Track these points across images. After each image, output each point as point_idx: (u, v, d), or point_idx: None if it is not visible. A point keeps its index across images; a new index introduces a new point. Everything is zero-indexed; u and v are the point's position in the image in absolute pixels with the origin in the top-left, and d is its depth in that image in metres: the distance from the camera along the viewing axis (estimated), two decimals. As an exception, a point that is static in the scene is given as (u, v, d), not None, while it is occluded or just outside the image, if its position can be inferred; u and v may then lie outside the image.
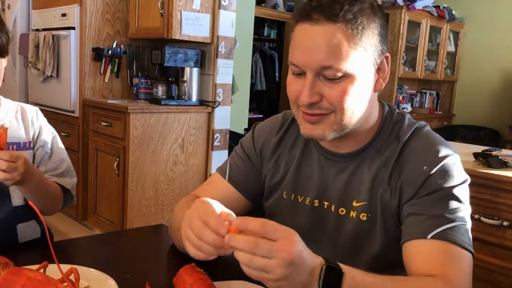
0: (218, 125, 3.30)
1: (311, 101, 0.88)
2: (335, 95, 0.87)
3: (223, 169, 1.13)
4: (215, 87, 3.25)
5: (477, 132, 5.13)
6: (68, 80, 3.30)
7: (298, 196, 1.03)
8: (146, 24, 3.20)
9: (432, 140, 0.95)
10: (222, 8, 3.18)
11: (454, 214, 0.87)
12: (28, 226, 1.27)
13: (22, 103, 1.35)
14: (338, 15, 0.84)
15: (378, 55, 0.90)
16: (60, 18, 3.36)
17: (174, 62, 3.11)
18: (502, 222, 1.74)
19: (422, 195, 0.89)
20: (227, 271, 0.90)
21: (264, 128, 1.13)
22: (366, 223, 0.95)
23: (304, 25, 0.87)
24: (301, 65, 0.88)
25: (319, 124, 0.91)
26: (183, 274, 0.82)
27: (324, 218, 1.00)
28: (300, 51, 0.88)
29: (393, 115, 1.00)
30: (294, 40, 0.90)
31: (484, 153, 2.03)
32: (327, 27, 0.84)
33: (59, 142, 1.36)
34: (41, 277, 0.78)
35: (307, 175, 1.03)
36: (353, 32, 0.85)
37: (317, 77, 0.87)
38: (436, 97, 5.76)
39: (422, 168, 0.90)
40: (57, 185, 1.28)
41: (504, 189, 1.76)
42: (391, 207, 0.93)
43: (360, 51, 0.86)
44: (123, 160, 2.96)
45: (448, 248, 0.84)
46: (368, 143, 0.98)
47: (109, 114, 3.07)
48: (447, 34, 5.39)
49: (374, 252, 0.95)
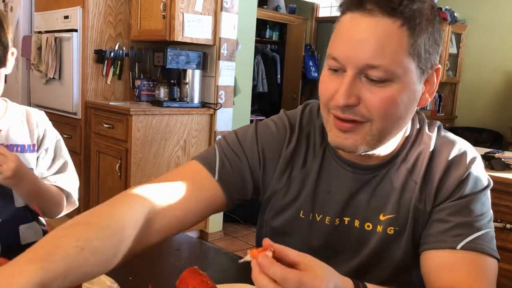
0: (220, 127, 3.30)
1: (348, 102, 0.76)
2: (375, 101, 0.76)
3: (209, 162, 0.91)
4: (217, 89, 3.25)
5: (479, 134, 5.12)
6: (70, 82, 3.30)
7: (316, 214, 0.92)
8: (148, 26, 3.20)
9: (457, 144, 0.90)
10: (224, 10, 3.18)
11: (482, 221, 0.83)
12: (30, 227, 1.27)
13: (29, 107, 1.37)
14: (396, 9, 0.73)
15: (430, 65, 0.79)
16: (62, 20, 3.36)
17: (176, 64, 3.11)
18: (505, 225, 1.73)
19: (452, 200, 0.85)
20: (230, 274, 0.89)
21: (270, 132, 0.95)
22: (392, 236, 0.88)
23: (354, 14, 0.76)
24: (343, 59, 0.76)
25: (351, 133, 0.79)
26: (186, 276, 0.82)
27: (346, 235, 0.91)
28: (344, 43, 0.76)
29: (415, 122, 0.92)
30: (339, 30, 0.78)
31: (487, 156, 2.03)
32: (380, 20, 0.73)
33: (63, 146, 1.37)
34: (44, 279, 0.78)
35: (326, 190, 0.91)
36: (409, 32, 0.74)
37: (358, 76, 0.76)
38: (438, 99, 5.75)
39: (453, 173, 0.86)
40: (57, 188, 1.29)
41: (507, 192, 1.76)
42: (425, 216, 0.87)
43: (412, 56, 0.75)
44: (125, 162, 2.96)
45: (477, 259, 0.81)
46: (396, 154, 0.89)
47: (111, 116, 3.07)
48: (449, 36, 5.38)
49: (395, 264, 0.90)
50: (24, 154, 1.26)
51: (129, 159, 2.94)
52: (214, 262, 1.09)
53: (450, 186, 0.85)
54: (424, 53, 0.77)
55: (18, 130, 1.27)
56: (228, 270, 0.96)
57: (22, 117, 1.30)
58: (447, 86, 5.76)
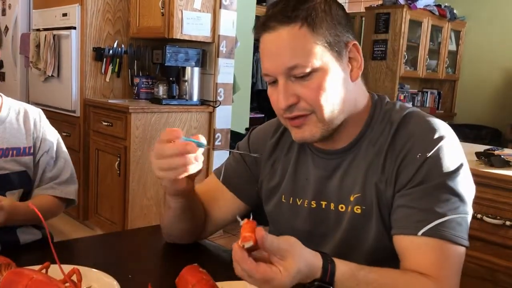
0: (219, 124, 3.29)
1: (288, 103, 0.88)
2: (309, 92, 0.88)
3: (219, 170, 1.13)
4: (216, 87, 3.25)
5: (478, 131, 5.12)
6: (69, 80, 3.30)
7: (297, 199, 1.02)
8: (147, 24, 3.19)
9: (425, 122, 0.91)
10: (223, 8, 3.18)
11: (447, 207, 0.84)
12: (28, 228, 1.27)
13: (26, 103, 1.33)
14: (291, 16, 0.86)
15: (343, 44, 0.90)
16: (61, 18, 3.36)
17: (175, 62, 3.10)
18: (504, 222, 1.73)
19: (414, 185, 0.86)
20: (229, 271, 0.89)
21: (260, 131, 1.13)
22: (360, 215, 0.93)
23: (264, 35, 0.89)
24: (271, 72, 0.90)
25: (304, 126, 0.91)
26: (185, 274, 0.82)
27: (324, 218, 0.98)
28: (266, 60, 0.90)
29: (383, 104, 0.97)
30: (260, 51, 0.92)
31: (487, 152, 2.03)
32: (283, 30, 0.86)
33: (63, 146, 1.35)
34: (43, 277, 0.78)
35: (305, 177, 1.02)
36: (310, 28, 0.86)
37: (288, 79, 0.88)
38: (438, 96, 5.76)
39: (416, 155, 0.87)
40: (54, 199, 1.27)
41: (506, 189, 1.76)
42: (387, 196, 0.90)
43: (321, 44, 0.87)
44: (124, 160, 2.96)
45: (439, 245, 0.83)
46: (360, 134, 0.96)
47: (110, 114, 3.07)
48: (449, 33, 5.38)
49: (371, 244, 0.93)
50: (20, 158, 1.24)
51: (128, 157, 2.94)
52: (213, 260, 1.09)
53: (411, 169, 0.87)
54: (332, 38, 0.88)
55: (14, 131, 1.24)
56: (227, 268, 0.95)
57: (18, 116, 1.26)
58: (446, 83, 5.76)
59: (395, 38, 4.73)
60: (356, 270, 0.78)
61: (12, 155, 1.22)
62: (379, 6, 5.00)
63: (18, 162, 1.24)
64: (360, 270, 0.79)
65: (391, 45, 4.74)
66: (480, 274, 1.75)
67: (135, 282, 0.90)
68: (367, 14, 5.04)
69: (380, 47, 4.81)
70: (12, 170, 1.22)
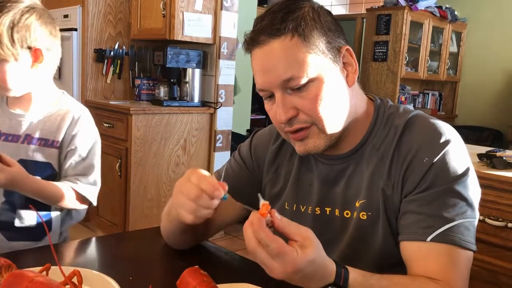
0: (220, 126, 3.29)
1: (288, 116, 0.87)
2: (308, 103, 0.86)
3: (219, 172, 1.13)
4: (217, 88, 3.25)
5: (480, 133, 5.11)
6: (70, 81, 3.30)
7: (301, 206, 1.01)
8: (148, 25, 3.19)
9: (431, 126, 0.90)
10: (224, 9, 3.18)
11: (454, 212, 0.84)
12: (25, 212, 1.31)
13: (78, 102, 1.43)
14: (280, 28, 0.85)
15: (336, 50, 0.89)
16: (62, 19, 3.36)
17: (176, 63, 3.10)
18: (507, 224, 1.73)
19: (421, 190, 0.86)
20: (230, 273, 0.89)
21: (263, 135, 1.11)
22: (366, 222, 0.92)
23: (255, 50, 0.88)
24: (266, 87, 0.88)
25: (307, 139, 0.90)
26: (186, 276, 0.82)
27: (329, 224, 0.97)
28: (259, 75, 0.89)
29: (386, 107, 0.96)
30: (252, 67, 0.90)
31: (488, 154, 2.02)
32: (274, 44, 0.85)
33: (97, 151, 1.40)
34: (44, 279, 0.77)
35: (308, 183, 1.00)
36: (301, 38, 0.85)
37: (285, 92, 0.87)
38: (439, 97, 5.75)
39: (422, 160, 0.86)
40: (73, 192, 1.31)
41: (508, 190, 1.75)
42: (394, 201, 0.89)
43: (314, 53, 0.86)
44: (125, 162, 2.96)
45: (448, 251, 0.83)
46: (363, 139, 0.94)
47: (111, 115, 3.07)
48: (450, 35, 5.37)
49: (378, 250, 0.92)
50: (46, 149, 1.30)
51: (129, 158, 2.93)
52: (214, 262, 1.08)
53: (418, 173, 0.86)
54: (324, 45, 0.87)
55: (51, 125, 1.32)
56: (229, 270, 0.95)
57: (61, 111, 1.34)
58: (447, 84, 5.75)
59: (396, 39, 4.73)
60: (368, 277, 0.78)
61: (40, 144, 1.30)
62: (380, 7, 5.00)
63: (43, 152, 1.30)
64: (372, 276, 0.78)
65: (392, 46, 4.74)
66: (482, 277, 1.75)
67: (136, 284, 0.90)
68: (368, 15, 5.04)
69: (381, 48, 4.81)
70: (36, 159, 1.30)
